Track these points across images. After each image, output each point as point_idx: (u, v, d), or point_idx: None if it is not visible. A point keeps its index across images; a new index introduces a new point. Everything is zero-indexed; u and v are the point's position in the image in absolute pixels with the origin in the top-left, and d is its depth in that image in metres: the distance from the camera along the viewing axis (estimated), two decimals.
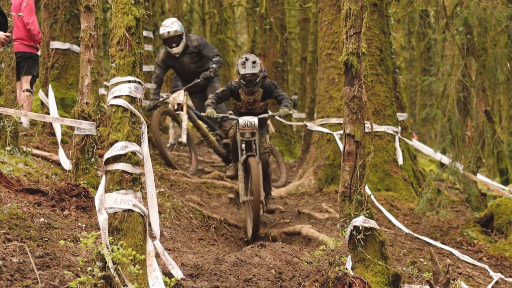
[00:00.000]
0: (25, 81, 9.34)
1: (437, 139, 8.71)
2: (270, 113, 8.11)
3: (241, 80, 7.87)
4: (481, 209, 8.42)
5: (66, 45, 10.08)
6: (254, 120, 7.78)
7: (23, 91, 9.24)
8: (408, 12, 17.09)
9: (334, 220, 7.87)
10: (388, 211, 8.25)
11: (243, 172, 7.90)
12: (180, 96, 9.93)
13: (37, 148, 8.11)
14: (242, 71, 7.78)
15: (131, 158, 4.54)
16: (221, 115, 7.97)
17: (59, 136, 7.64)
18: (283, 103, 7.97)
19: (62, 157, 7.37)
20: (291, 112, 7.85)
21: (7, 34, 6.47)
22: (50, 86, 8.66)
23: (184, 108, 9.85)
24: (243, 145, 7.85)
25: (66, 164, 7.20)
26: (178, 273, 4.69)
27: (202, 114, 8.25)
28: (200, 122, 10.07)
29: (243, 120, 7.77)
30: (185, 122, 9.76)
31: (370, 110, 8.89)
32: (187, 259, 5.93)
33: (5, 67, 7.52)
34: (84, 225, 5.72)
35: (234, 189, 9.71)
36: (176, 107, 9.86)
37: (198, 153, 11.26)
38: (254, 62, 7.81)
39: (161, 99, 10.18)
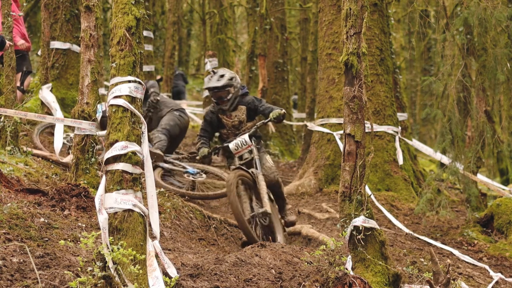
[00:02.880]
0: (16, 79, 9.28)
1: (437, 139, 8.71)
2: (259, 122, 7.11)
3: (212, 98, 7.08)
4: (481, 209, 8.42)
5: (66, 45, 10.08)
6: (244, 137, 6.94)
7: None
8: (408, 12, 17.08)
9: (334, 220, 7.87)
10: (388, 211, 8.25)
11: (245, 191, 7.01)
12: None
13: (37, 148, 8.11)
14: (205, 85, 6.94)
15: (131, 158, 4.54)
16: (211, 149, 7.07)
17: (58, 148, 7.55)
18: (273, 110, 7.06)
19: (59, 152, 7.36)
20: (283, 111, 6.93)
21: (10, 43, 6.48)
22: (44, 87, 8.63)
23: None
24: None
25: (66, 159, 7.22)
26: (173, 272, 4.69)
27: (197, 157, 7.33)
28: None
29: (232, 143, 6.93)
30: None
31: (370, 110, 8.88)
32: (187, 259, 5.93)
33: (5, 67, 7.53)
34: (84, 225, 5.72)
35: None
36: None
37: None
38: (221, 76, 6.91)
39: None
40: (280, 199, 7.45)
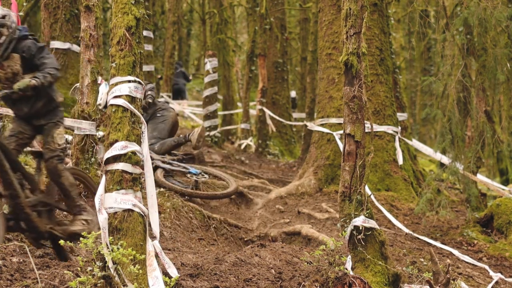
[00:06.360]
0: None
1: (437, 139, 8.71)
2: (1, 92, 5.24)
3: None
4: (481, 209, 8.42)
5: (66, 45, 10.09)
6: None
7: None
8: (408, 12, 17.09)
9: (334, 220, 7.87)
10: (388, 211, 8.24)
11: None
12: None
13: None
14: None
15: (131, 158, 4.54)
16: None
17: None
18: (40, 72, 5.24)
19: None
20: (34, 82, 5.11)
21: None
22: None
23: None
24: None
25: None
26: (173, 272, 4.69)
27: None
28: None
29: None
30: None
31: (370, 110, 8.88)
32: (187, 259, 5.93)
33: None
34: None
35: None
36: None
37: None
38: None
39: None
40: (66, 195, 5.48)
